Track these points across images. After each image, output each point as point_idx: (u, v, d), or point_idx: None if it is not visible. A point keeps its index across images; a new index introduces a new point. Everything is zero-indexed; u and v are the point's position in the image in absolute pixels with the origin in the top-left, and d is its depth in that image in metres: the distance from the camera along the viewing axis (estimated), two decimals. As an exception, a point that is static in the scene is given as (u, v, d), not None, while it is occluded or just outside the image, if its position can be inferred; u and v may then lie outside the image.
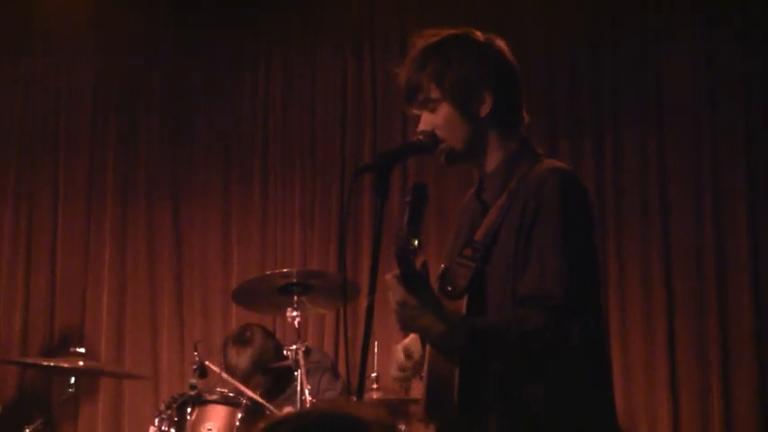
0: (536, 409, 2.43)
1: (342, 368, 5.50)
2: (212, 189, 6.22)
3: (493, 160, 2.61)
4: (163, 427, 4.36)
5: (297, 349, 4.48)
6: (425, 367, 2.51)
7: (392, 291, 2.37)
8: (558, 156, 5.42)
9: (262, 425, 1.20)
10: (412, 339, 2.68)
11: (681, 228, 5.38)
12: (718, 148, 5.38)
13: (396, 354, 2.72)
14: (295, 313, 4.55)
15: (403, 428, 4.75)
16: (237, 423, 4.33)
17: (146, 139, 6.36)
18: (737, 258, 5.26)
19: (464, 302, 2.47)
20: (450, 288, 2.51)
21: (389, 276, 2.37)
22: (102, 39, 6.47)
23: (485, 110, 2.57)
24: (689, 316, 5.31)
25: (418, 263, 2.35)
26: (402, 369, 2.68)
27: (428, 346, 2.51)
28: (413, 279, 2.34)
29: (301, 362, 4.44)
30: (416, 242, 2.29)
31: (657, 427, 5.24)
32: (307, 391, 4.43)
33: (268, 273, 5.09)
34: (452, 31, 2.66)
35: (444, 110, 2.58)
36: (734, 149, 5.35)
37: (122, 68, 6.44)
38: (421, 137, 2.58)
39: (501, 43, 2.65)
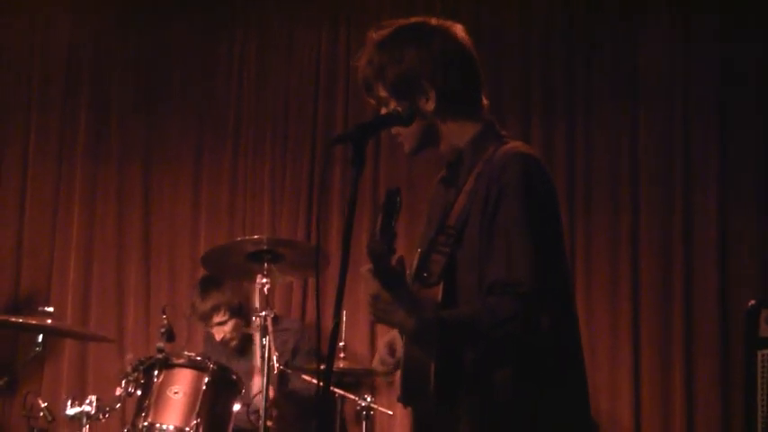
0: (504, 394, 2.45)
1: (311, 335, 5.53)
2: (184, 155, 6.21)
3: (454, 147, 2.62)
4: (129, 389, 4.39)
5: (266, 316, 4.50)
6: (402, 355, 2.52)
7: (366, 284, 2.37)
8: (531, 138, 5.46)
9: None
10: (396, 334, 2.67)
11: (650, 211, 5.43)
12: (690, 133, 5.42)
13: (379, 348, 2.73)
14: (264, 280, 4.56)
15: (369, 399, 4.80)
16: (204, 387, 4.37)
17: (118, 103, 6.32)
18: (706, 242, 5.31)
19: (440, 288, 2.47)
20: (426, 275, 2.51)
21: (364, 270, 2.36)
22: (76, 1, 6.44)
23: (430, 105, 2.58)
24: (655, 300, 5.36)
25: (394, 260, 2.37)
26: (384, 363, 2.70)
27: (405, 336, 2.52)
28: (387, 274, 2.35)
29: (269, 329, 4.47)
30: (388, 249, 2.29)
31: (618, 406, 5.33)
32: (275, 358, 4.47)
33: (239, 239, 5.10)
34: (404, 23, 2.64)
35: (393, 107, 2.60)
36: (707, 135, 5.40)
37: (97, 32, 6.40)
38: (399, 108, 2.58)
39: (455, 29, 2.63)
